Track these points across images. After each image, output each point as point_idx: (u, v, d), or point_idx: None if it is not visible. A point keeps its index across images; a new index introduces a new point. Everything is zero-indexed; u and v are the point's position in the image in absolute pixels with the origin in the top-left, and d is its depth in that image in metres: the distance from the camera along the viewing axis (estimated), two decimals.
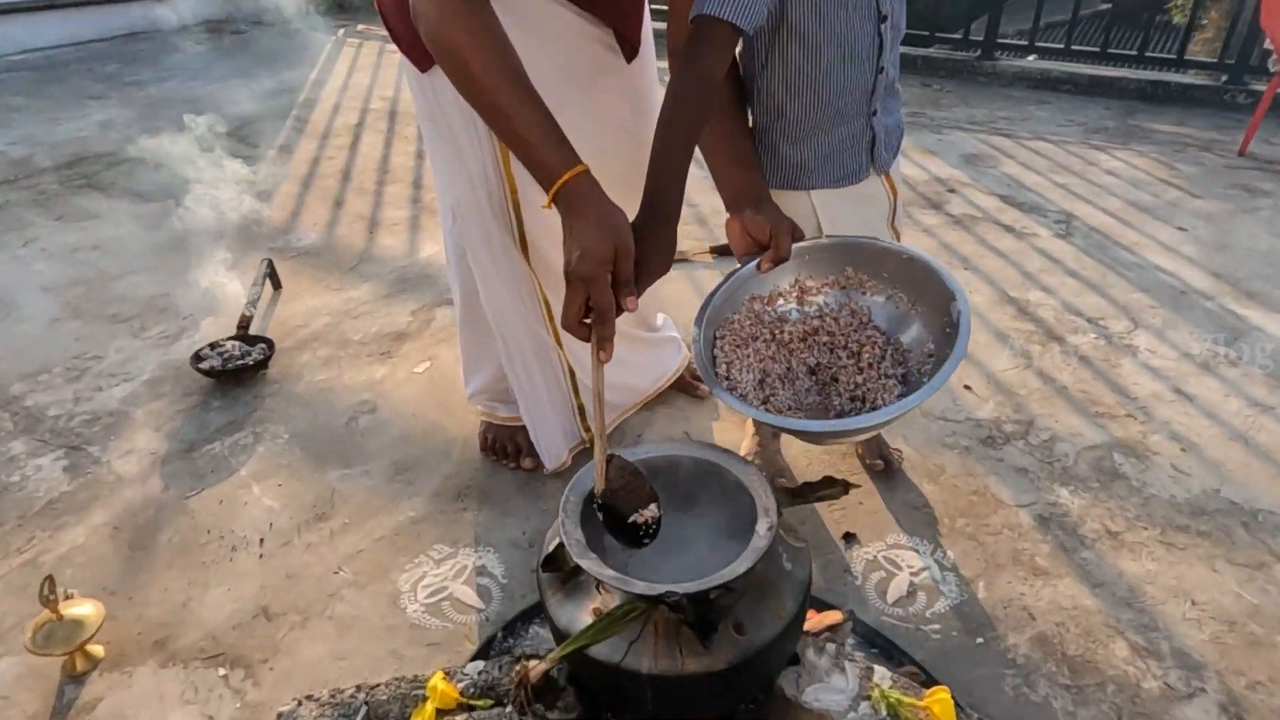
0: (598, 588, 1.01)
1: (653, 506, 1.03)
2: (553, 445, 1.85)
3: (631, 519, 1.03)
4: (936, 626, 1.53)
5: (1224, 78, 4.46)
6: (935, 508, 1.79)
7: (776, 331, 1.22)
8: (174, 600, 1.60)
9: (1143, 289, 2.63)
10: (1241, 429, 2.01)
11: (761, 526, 1.01)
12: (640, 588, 0.94)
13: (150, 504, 1.84)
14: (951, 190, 3.41)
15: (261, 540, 1.74)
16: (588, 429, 1.91)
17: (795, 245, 1.21)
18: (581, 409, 1.88)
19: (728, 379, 1.15)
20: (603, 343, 1.02)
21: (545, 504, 1.82)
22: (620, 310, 1.02)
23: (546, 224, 1.57)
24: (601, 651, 0.97)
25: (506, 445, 1.91)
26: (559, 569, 1.04)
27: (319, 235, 3.10)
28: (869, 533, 1.73)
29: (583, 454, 1.93)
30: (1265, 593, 1.58)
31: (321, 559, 1.69)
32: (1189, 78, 4.60)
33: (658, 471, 1.14)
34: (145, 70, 5.39)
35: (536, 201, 1.51)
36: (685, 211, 1.32)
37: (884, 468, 1.86)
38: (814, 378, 1.22)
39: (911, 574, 1.64)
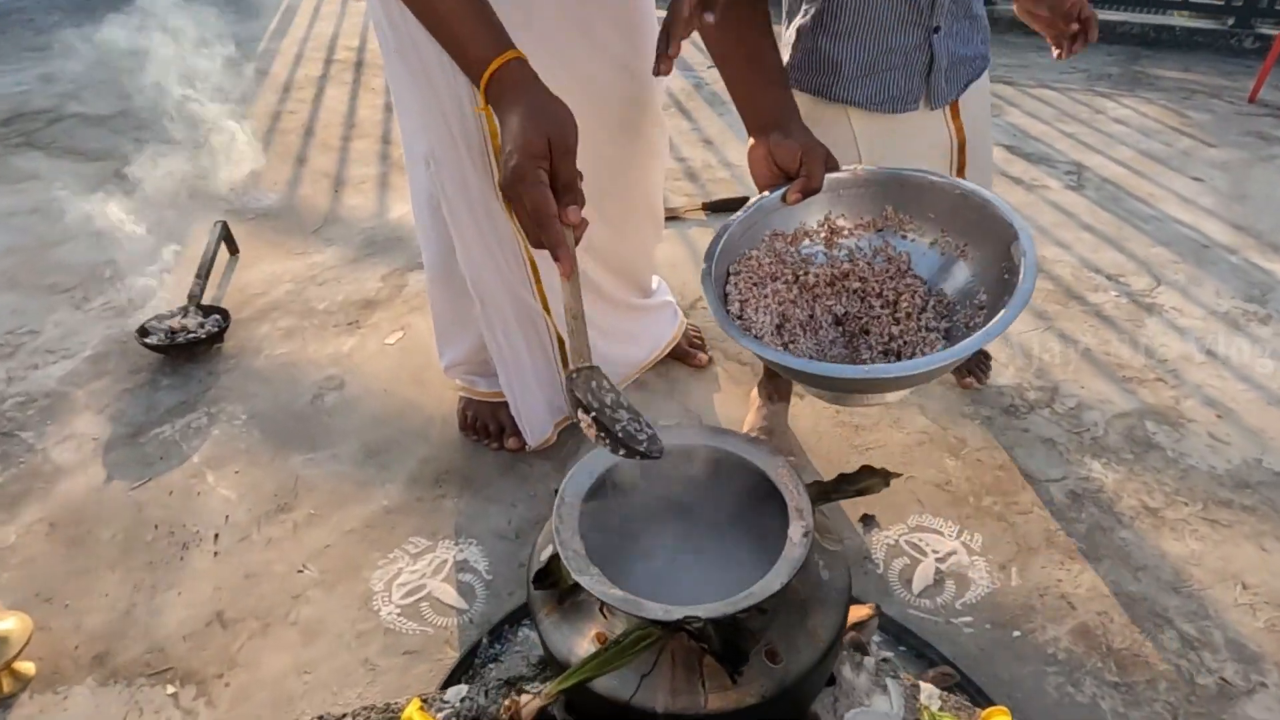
0: (601, 609, 0.85)
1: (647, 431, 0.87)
2: (536, 420, 1.68)
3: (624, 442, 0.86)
4: (968, 619, 1.39)
5: (1230, 21, 4.28)
6: (958, 485, 1.65)
7: (800, 273, 1.03)
8: (116, 607, 1.43)
9: (1162, 243, 2.48)
10: (1279, 392, 1.88)
11: (795, 531, 0.85)
12: (654, 611, 0.78)
13: (91, 497, 1.65)
14: None
15: (216, 536, 1.56)
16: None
17: (828, 176, 1.02)
18: None
19: (740, 318, 0.97)
20: (556, 254, 0.86)
21: (533, 488, 1.66)
22: (563, 221, 0.86)
23: None
24: (607, 686, 0.81)
25: (488, 423, 1.74)
26: (554, 585, 0.87)
27: (279, 195, 2.87)
28: (889, 513, 1.58)
29: (570, 430, 1.77)
30: None
31: (284, 556, 1.52)
32: (1193, 21, 4.42)
33: (670, 463, 0.97)
34: (89, 21, 5.04)
35: None
36: (674, 167, 1.16)
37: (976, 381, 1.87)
38: (840, 328, 1.04)
39: (937, 560, 1.49)
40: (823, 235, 1.06)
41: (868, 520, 1.57)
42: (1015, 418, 1.81)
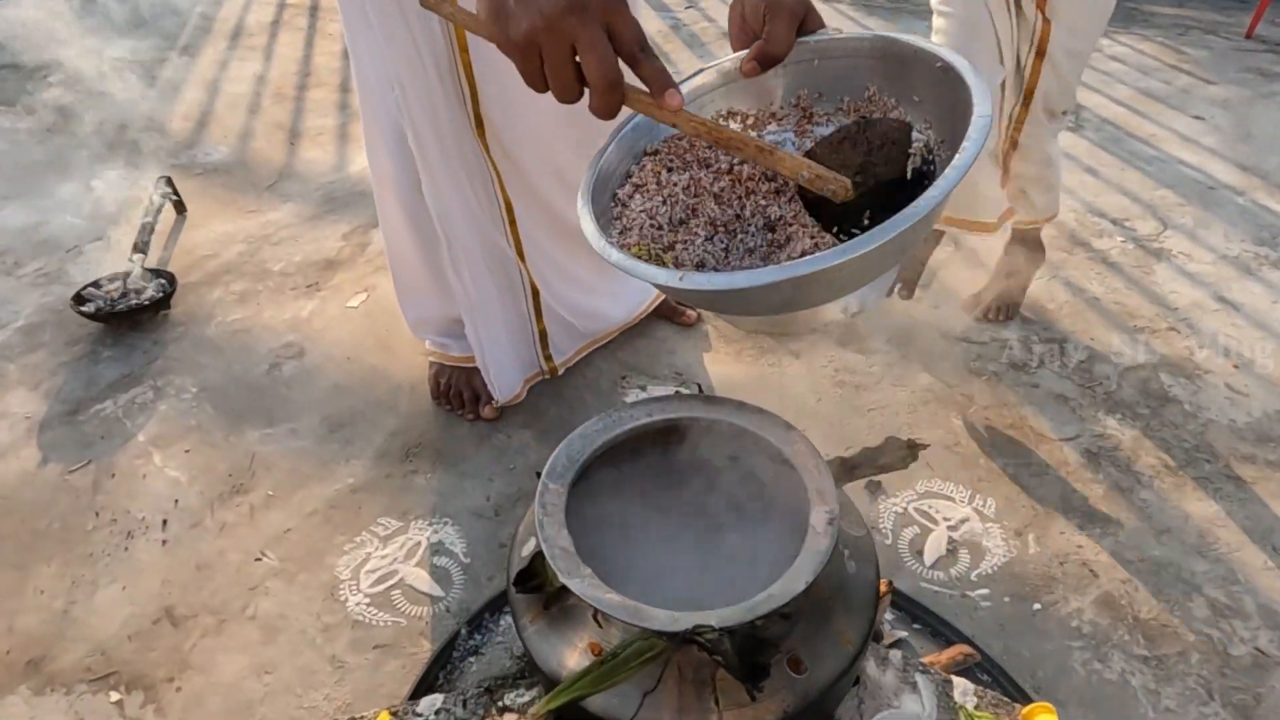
0: (595, 617, 0.72)
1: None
2: (505, 375, 1.56)
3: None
4: (985, 591, 1.29)
5: None
6: (968, 446, 1.54)
7: (736, 166, 0.77)
8: (53, 606, 1.29)
9: (1167, 185, 2.37)
10: None
11: (819, 518, 0.73)
12: (659, 620, 0.65)
13: (24, 482, 1.50)
14: None
15: (165, 523, 1.42)
16: (549, 357, 1.63)
17: (804, 41, 0.78)
18: (544, 335, 1.59)
19: (620, 216, 0.73)
20: (657, 83, 0.64)
21: (512, 461, 1.53)
22: (663, 106, 0.64)
23: (508, 97, 1.23)
24: (605, 704, 0.69)
25: (463, 391, 1.61)
26: (539, 588, 0.74)
27: (230, 149, 2.66)
28: (895, 479, 1.47)
29: (541, 386, 1.66)
30: None
31: (240, 543, 1.38)
32: None
33: (668, 440, 0.85)
34: None
35: (495, 66, 1.17)
36: None
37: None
38: (771, 234, 0.74)
39: (949, 528, 1.39)
40: (793, 118, 0.82)
41: (873, 487, 1.46)
42: (1024, 373, 1.70)
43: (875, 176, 0.73)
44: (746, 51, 0.75)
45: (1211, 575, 1.31)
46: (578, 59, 0.61)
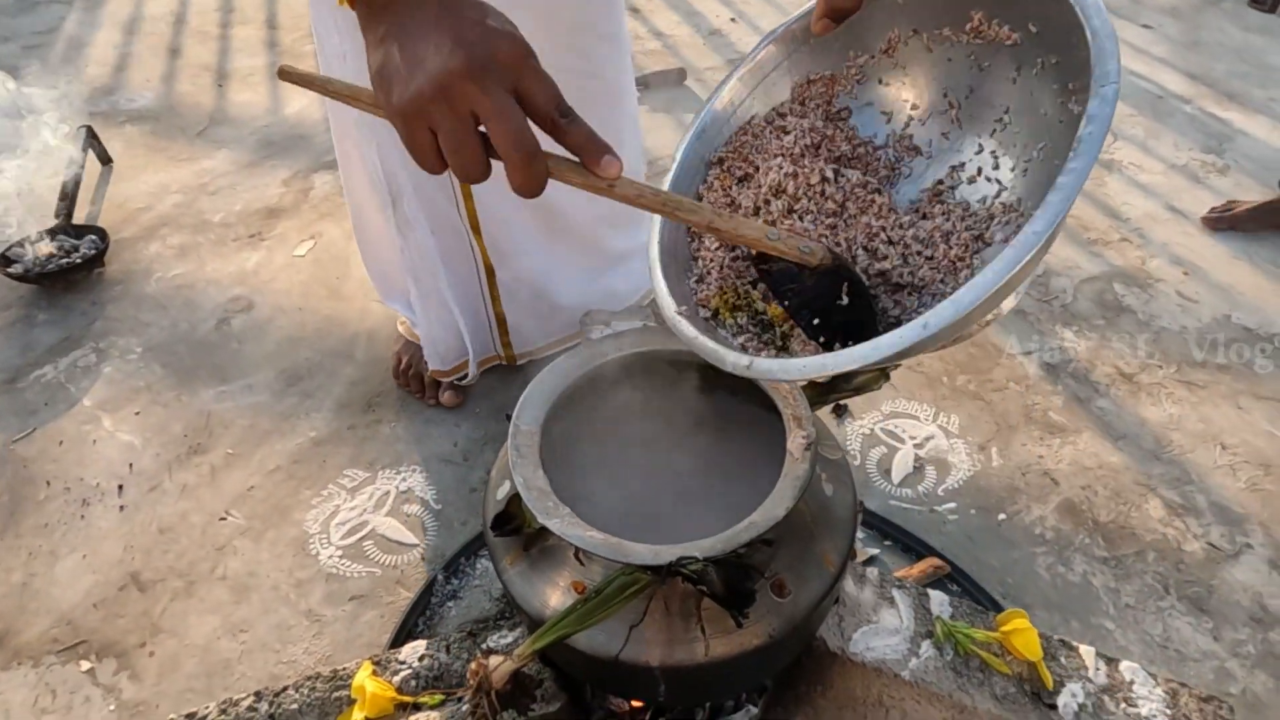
0: (577, 555, 0.72)
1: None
2: (449, 349, 1.41)
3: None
4: (952, 505, 1.32)
5: None
6: (931, 365, 1.56)
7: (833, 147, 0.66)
8: (11, 580, 1.25)
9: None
10: (1244, 245, 1.82)
11: (796, 444, 0.72)
12: (642, 554, 0.65)
13: None
14: None
15: (121, 488, 1.38)
16: (509, 345, 1.46)
17: None
18: (502, 320, 1.41)
19: (698, 244, 0.65)
20: (586, 151, 0.52)
21: (477, 405, 1.50)
22: (599, 174, 0.52)
23: None
24: (591, 641, 0.69)
25: (422, 373, 1.49)
26: (517, 530, 0.73)
27: (154, 94, 2.51)
28: (861, 401, 1.49)
29: (497, 371, 1.52)
30: None
31: (202, 504, 1.35)
32: None
33: (639, 374, 0.83)
34: None
35: None
36: None
37: None
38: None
39: (915, 446, 1.41)
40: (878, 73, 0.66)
41: (840, 410, 1.47)
42: None
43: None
44: (815, 5, 0.63)
45: (1166, 477, 1.36)
46: (483, 128, 0.51)
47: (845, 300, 0.57)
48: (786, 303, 0.59)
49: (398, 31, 0.52)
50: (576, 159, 0.52)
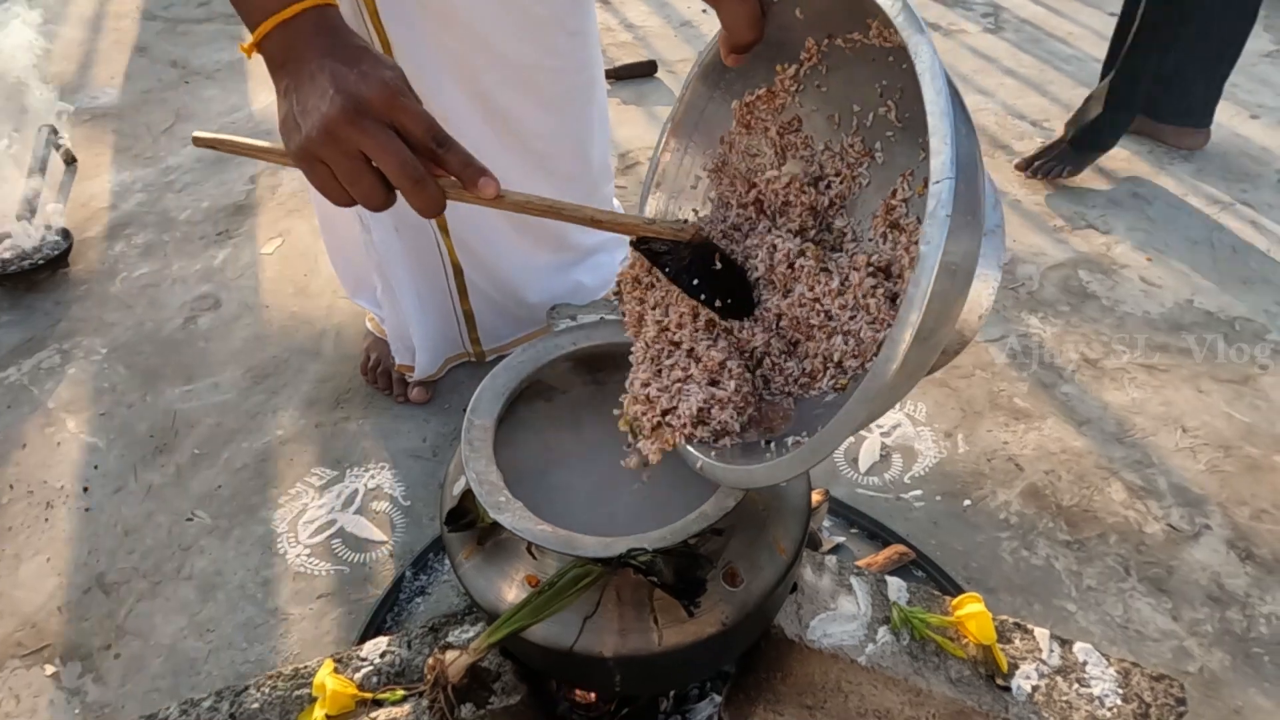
0: (529, 549, 0.72)
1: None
2: (416, 349, 1.41)
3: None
4: (919, 492, 1.33)
5: None
6: None
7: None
8: None
9: (1084, 84, 2.39)
10: (1204, 230, 1.85)
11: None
12: (592, 547, 0.65)
13: None
14: None
15: (86, 489, 1.37)
16: (477, 341, 1.46)
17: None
18: (470, 316, 1.41)
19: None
20: (464, 173, 0.58)
21: (445, 400, 1.50)
22: (479, 194, 0.59)
23: (421, 39, 1.10)
24: (546, 633, 0.70)
25: (390, 370, 1.49)
26: (471, 524, 0.73)
27: (118, 91, 2.48)
28: None
29: (466, 367, 1.52)
30: (1255, 409, 1.45)
31: (168, 504, 1.34)
32: None
33: (597, 367, 0.83)
34: None
35: (403, 6, 1.07)
36: None
37: None
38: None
39: (882, 434, 1.42)
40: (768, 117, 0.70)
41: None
42: None
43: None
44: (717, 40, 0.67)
45: (1128, 460, 1.38)
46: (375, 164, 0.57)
47: (718, 266, 0.67)
48: (668, 270, 0.67)
49: (293, 85, 0.58)
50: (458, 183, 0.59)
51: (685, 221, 0.66)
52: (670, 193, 0.76)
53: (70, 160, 2.13)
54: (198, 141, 0.62)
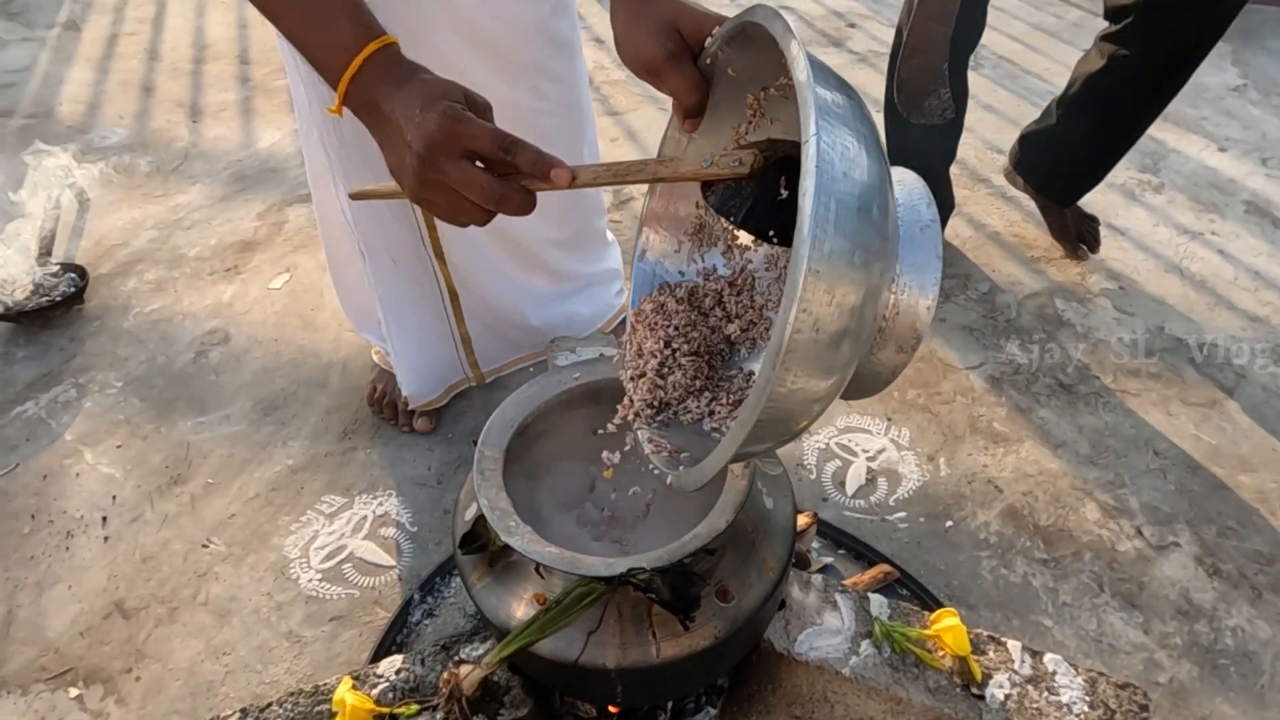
0: (537, 569, 0.78)
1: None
2: (421, 379, 1.47)
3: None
4: (903, 514, 1.40)
5: None
6: None
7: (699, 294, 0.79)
8: None
9: None
10: (1175, 259, 1.93)
11: (736, 464, 0.79)
12: (595, 567, 0.72)
13: None
14: (852, 25, 3.13)
15: (104, 519, 1.42)
16: (475, 365, 1.52)
17: (705, 52, 0.68)
18: (467, 340, 1.47)
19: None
20: (542, 170, 0.62)
21: (449, 429, 1.56)
22: (553, 183, 0.62)
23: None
24: (553, 647, 0.76)
25: (395, 401, 1.55)
26: (483, 548, 0.80)
27: (128, 131, 2.56)
28: None
29: (468, 395, 1.59)
30: (1221, 431, 1.52)
31: (183, 532, 1.39)
32: None
33: (599, 399, 0.90)
34: None
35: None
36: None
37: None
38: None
39: (868, 459, 1.49)
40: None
41: None
42: None
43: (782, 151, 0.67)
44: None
45: (1101, 481, 1.44)
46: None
47: (784, 194, 0.63)
48: (732, 219, 0.67)
49: (381, 137, 0.66)
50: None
51: (740, 159, 0.64)
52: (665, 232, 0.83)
53: (83, 199, 2.20)
54: (354, 196, 0.71)
